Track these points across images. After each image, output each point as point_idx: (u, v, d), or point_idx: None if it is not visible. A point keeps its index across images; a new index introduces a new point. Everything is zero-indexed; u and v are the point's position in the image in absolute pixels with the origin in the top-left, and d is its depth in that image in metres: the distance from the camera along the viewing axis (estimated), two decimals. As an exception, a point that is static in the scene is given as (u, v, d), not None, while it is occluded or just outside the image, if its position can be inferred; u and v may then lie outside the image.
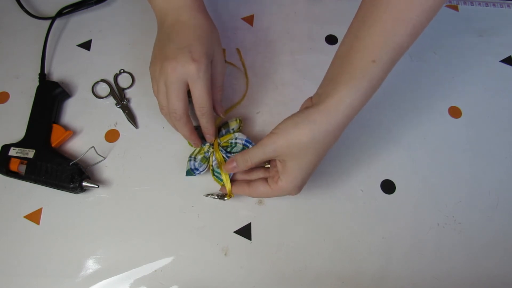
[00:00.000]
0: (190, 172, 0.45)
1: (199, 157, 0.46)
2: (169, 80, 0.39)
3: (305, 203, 0.47)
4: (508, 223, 0.46)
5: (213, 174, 0.45)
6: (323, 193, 0.47)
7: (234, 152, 0.46)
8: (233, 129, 0.47)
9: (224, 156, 0.45)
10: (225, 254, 0.44)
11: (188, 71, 0.39)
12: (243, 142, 0.46)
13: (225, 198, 0.45)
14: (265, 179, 0.41)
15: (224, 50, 0.55)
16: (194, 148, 0.47)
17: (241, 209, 0.46)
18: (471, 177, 0.49)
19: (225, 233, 0.45)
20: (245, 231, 0.45)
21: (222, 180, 0.44)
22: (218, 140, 0.47)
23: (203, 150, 0.47)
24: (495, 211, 0.47)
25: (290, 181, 0.39)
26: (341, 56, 0.38)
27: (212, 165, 0.45)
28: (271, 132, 0.38)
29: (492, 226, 0.46)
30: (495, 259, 0.45)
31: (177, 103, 0.40)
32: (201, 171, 0.45)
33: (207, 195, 0.46)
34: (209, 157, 0.46)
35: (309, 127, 0.36)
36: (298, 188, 0.40)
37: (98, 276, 0.42)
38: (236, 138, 0.46)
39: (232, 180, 0.44)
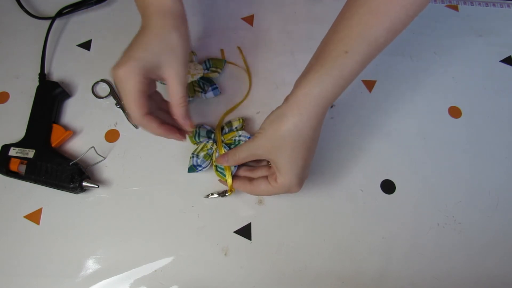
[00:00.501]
0: (192, 168, 0.45)
1: (201, 154, 0.46)
2: (118, 86, 0.39)
3: (305, 203, 0.47)
4: (508, 223, 0.46)
5: (216, 170, 0.45)
6: (323, 193, 0.47)
7: None
8: (236, 127, 0.48)
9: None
10: (225, 254, 0.44)
11: (115, 76, 0.38)
12: (246, 139, 0.46)
13: (227, 194, 0.45)
14: (266, 177, 0.42)
15: (222, 50, 0.55)
16: (197, 146, 0.47)
17: (241, 209, 0.46)
18: (471, 177, 0.49)
19: (225, 233, 0.45)
20: (245, 231, 0.45)
21: (225, 176, 0.44)
22: (222, 138, 0.47)
23: (206, 147, 0.47)
24: (495, 211, 0.47)
25: (286, 177, 0.39)
26: (318, 50, 0.38)
27: (215, 162, 0.46)
28: (256, 132, 0.39)
29: (492, 226, 0.46)
30: (495, 259, 0.45)
31: (128, 108, 0.39)
32: (203, 168, 0.46)
33: (207, 196, 0.46)
34: (212, 154, 0.46)
35: (282, 122, 0.37)
36: (297, 185, 0.39)
37: (98, 276, 0.42)
38: (240, 136, 0.46)
39: (235, 176, 0.45)
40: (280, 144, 0.37)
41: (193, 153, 0.47)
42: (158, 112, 0.43)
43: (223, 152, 0.45)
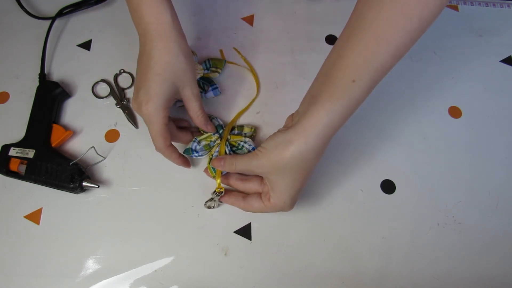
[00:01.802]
0: (189, 151, 0.46)
1: (203, 142, 0.46)
2: (144, 120, 0.42)
3: (305, 203, 0.47)
4: (508, 223, 0.46)
5: (209, 163, 0.45)
6: (323, 193, 0.47)
7: (238, 153, 0.46)
8: (245, 133, 0.48)
9: (227, 152, 0.46)
10: (225, 254, 0.44)
11: (142, 114, 0.41)
12: (250, 148, 0.46)
13: (220, 193, 0.45)
14: (260, 195, 0.42)
15: (221, 51, 0.55)
16: (202, 133, 0.47)
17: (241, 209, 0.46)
18: (471, 177, 0.49)
19: (225, 233, 0.45)
20: (245, 231, 0.45)
21: (215, 172, 0.45)
22: (228, 136, 0.47)
23: (211, 138, 0.47)
24: (495, 211, 0.47)
25: (280, 199, 0.39)
26: (324, 74, 0.38)
27: (212, 155, 0.46)
28: (257, 149, 0.39)
29: (492, 226, 0.46)
30: (495, 259, 0.45)
31: (155, 140, 0.43)
32: (199, 155, 0.46)
33: (208, 207, 0.45)
34: (213, 147, 0.46)
35: (287, 148, 0.36)
36: (289, 206, 0.40)
37: (98, 276, 0.42)
38: (245, 142, 0.46)
39: (228, 191, 0.45)
40: (282, 169, 0.37)
41: (195, 138, 0.47)
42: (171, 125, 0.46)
43: (224, 150, 0.45)
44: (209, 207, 0.45)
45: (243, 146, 0.46)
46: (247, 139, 0.47)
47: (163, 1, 0.41)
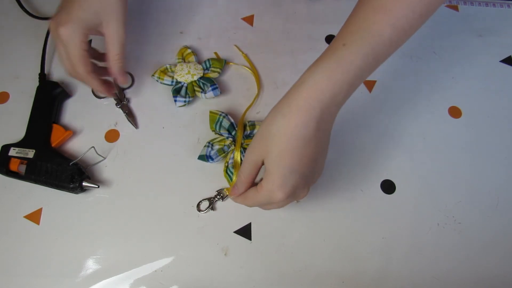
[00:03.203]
0: (204, 158, 0.46)
1: (216, 146, 0.46)
2: (59, 44, 0.42)
3: (305, 203, 0.47)
4: (508, 223, 0.46)
5: (226, 171, 0.46)
6: (323, 193, 0.47)
7: None
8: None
9: (243, 159, 0.45)
10: (225, 254, 0.44)
11: (59, 34, 0.40)
12: None
13: (224, 197, 0.46)
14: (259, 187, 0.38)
15: (216, 53, 0.55)
16: (215, 136, 0.48)
17: (241, 209, 0.46)
18: (471, 177, 0.49)
19: (225, 233, 0.45)
20: (245, 231, 0.45)
21: (232, 181, 0.45)
22: (242, 141, 0.47)
23: (224, 142, 0.47)
24: (495, 211, 0.47)
25: (270, 179, 0.35)
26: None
27: (228, 163, 0.46)
28: (250, 143, 0.37)
29: (492, 226, 0.46)
30: (495, 259, 0.45)
31: (75, 65, 0.42)
32: (214, 161, 0.46)
33: (199, 210, 0.45)
34: (228, 154, 0.46)
35: (272, 120, 0.34)
36: (278, 188, 0.34)
37: (98, 276, 0.42)
38: None
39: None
40: (270, 143, 0.34)
41: (209, 142, 0.47)
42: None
43: (239, 156, 0.45)
44: (200, 211, 0.45)
45: None
46: None
47: None
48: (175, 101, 0.49)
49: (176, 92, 0.50)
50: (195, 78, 0.51)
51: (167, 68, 0.52)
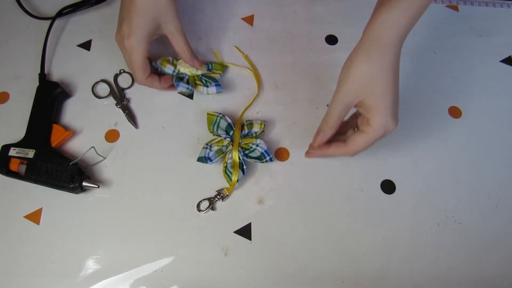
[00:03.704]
0: (202, 159, 0.46)
1: (215, 147, 0.46)
2: (125, 53, 0.47)
3: (305, 203, 0.47)
4: (508, 223, 0.46)
5: (225, 172, 0.46)
6: (323, 193, 0.47)
7: (251, 156, 0.46)
8: (256, 132, 0.48)
9: (241, 158, 0.46)
10: (225, 254, 0.44)
11: (124, 46, 0.45)
12: (262, 151, 0.46)
13: (224, 197, 0.46)
14: (357, 133, 0.41)
15: (215, 51, 0.55)
16: (213, 137, 0.48)
17: (241, 209, 0.46)
18: (471, 177, 0.49)
19: (225, 233, 0.45)
20: (245, 231, 0.45)
21: (231, 180, 0.45)
22: (240, 140, 0.47)
23: (222, 143, 0.47)
24: (495, 211, 0.47)
25: (381, 113, 0.38)
26: None
27: (226, 163, 0.46)
28: (336, 88, 0.40)
29: (492, 226, 0.46)
30: (495, 259, 0.45)
31: (136, 73, 0.47)
32: (213, 162, 0.46)
33: (199, 209, 0.46)
34: (226, 154, 0.46)
35: (364, 60, 0.38)
36: (393, 119, 0.39)
37: (98, 276, 0.42)
38: (257, 145, 0.46)
39: (324, 144, 0.43)
40: (369, 80, 0.37)
41: (207, 144, 0.47)
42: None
43: (236, 156, 0.45)
44: (200, 211, 0.45)
45: (255, 148, 0.46)
46: (258, 141, 0.46)
47: None
48: (177, 85, 0.49)
49: (179, 79, 0.50)
50: (199, 72, 0.51)
51: (170, 59, 0.52)
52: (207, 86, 0.50)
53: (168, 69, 0.51)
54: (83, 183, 0.44)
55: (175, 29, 0.46)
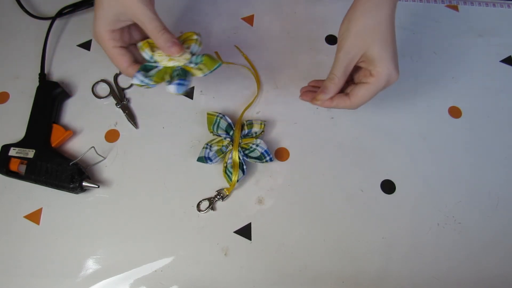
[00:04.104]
0: (202, 159, 0.46)
1: (215, 147, 0.46)
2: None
3: (305, 203, 0.47)
4: (508, 223, 0.46)
5: (225, 172, 0.46)
6: (323, 193, 0.47)
7: (251, 156, 0.46)
8: (256, 132, 0.48)
9: (241, 158, 0.46)
10: (225, 254, 0.44)
11: (94, 38, 0.43)
12: (262, 151, 0.46)
13: (224, 196, 0.46)
14: (359, 85, 0.42)
15: (217, 52, 0.55)
16: (213, 137, 0.47)
17: (241, 209, 0.46)
18: (471, 177, 0.49)
19: (225, 233, 0.45)
20: (245, 231, 0.45)
21: (231, 180, 0.45)
22: (240, 140, 0.47)
23: (222, 143, 0.47)
24: (495, 211, 0.47)
25: (384, 64, 0.40)
26: None
27: (226, 163, 0.46)
28: (338, 46, 0.41)
29: (492, 226, 0.46)
30: (495, 259, 0.45)
31: (114, 62, 0.43)
32: (213, 162, 0.46)
33: (199, 209, 0.46)
34: (226, 154, 0.46)
35: (365, 15, 0.39)
36: (395, 69, 0.40)
37: (98, 276, 0.42)
38: (257, 145, 0.46)
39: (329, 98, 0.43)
40: (369, 33, 0.39)
41: (207, 144, 0.47)
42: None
43: (236, 156, 0.45)
44: (200, 211, 0.45)
45: (255, 148, 0.46)
46: (258, 141, 0.46)
47: None
48: (134, 76, 0.41)
49: (145, 69, 0.42)
50: (174, 64, 0.42)
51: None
52: (169, 83, 0.40)
53: (146, 54, 0.43)
54: (83, 183, 0.44)
55: (142, 13, 0.40)
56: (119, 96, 0.51)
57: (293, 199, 0.47)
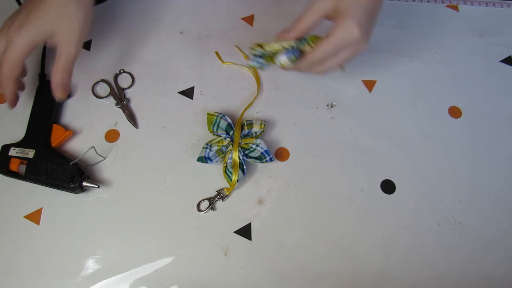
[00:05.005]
0: (202, 159, 0.46)
1: (215, 147, 0.46)
2: (3, 40, 0.41)
3: (305, 203, 0.47)
4: (508, 223, 0.46)
5: (225, 172, 0.46)
6: (323, 193, 0.47)
7: (251, 156, 0.46)
8: (256, 132, 0.48)
9: (241, 158, 0.46)
10: (225, 254, 0.44)
11: (10, 35, 0.40)
12: (262, 151, 0.46)
13: (224, 196, 0.46)
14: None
15: (217, 53, 0.55)
16: (213, 137, 0.47)
17: (241, 209, 0.46)
18: (471, 177, 0.49)
19: (225, 233, 0.45)
20: (245, 231, 0.45)
21: (231, 180, 0.45)
22: (240, 140, 0.47)
23: (222, 143, 0.47)
24: (495, 211, 0.47)
25: (345, 17, 0.39)
26: None
27: (226, 163, 0.46)
28: None
29: (492, 226, 0.46)
30: (495, 259, 0.45)
31: (5, 64, 0.41)
32: (213, 162, 0.46)
33: (199, 209, 0.46)
34: (226, 154, 0.46)
35: None
36: (358, 24, 0.39)
37: (98, 276, 0.42)
38: (257, 145, 0.46)
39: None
40: None
41: (207, 144, 0.47)
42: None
43: (236, 156, 0.45)
44: (200, 211, 0.45)
45: (255, 148, 0.46)
46: (258, 141, 0.46)
47: None
48: (251, 59, 0.47)
49: (259, 56, 0.47)
50: (286, 46, 0.45)
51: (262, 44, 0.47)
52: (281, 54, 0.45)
53: (258, 52, 0.46)
54: (83, 183, 0.44)
55: (65, 45, 0.41)
56: (119, 96, 0.51)
57: (293, 199, 0.47)
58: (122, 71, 0.53)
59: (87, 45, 0.55)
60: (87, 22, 0.42)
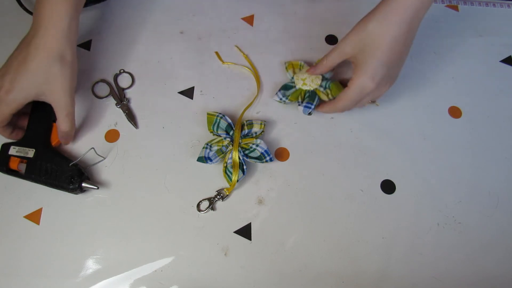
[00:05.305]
0: (202, 159, 0.46)
1: (215, 147, 0.46)
2: None
3: (305, 203, 0.47)
4: (508, 223, 0.46)
5: (225, 172, 0.46)
6: (323, 193, 0.47)
7: (251, 156, 0.46)
8: (256, 132, 0.47)
9: (241, 158, 0.46)
10: (225, 254, 0.44)
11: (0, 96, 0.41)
12: (262, 151, 0.46)
13: (224, 196, 0.46)
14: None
15: (217, 53, 0.55)
16: (213, 137, 0.48)
17: (241, 209, 0.46)
18: (471, 177, 0.49)
19: (225, 233, 0.45)
20: (245, 231, 0.45)
21: (231, 180, 0.45)
22: (240, 140, 0.47)
23: (222, 143, 0.47)
24: (495, 211, 0.47)
25: (362, 70, 0.42)
26: None
27: (226, 163, 0.46)
28: (344, 37, 0.44)
29: (492, 226, 0.46)
30: (495, 259, 0.45)
31: None
32: (213, 162, 0.46)
33: (199, 209, 0.46)
34: (226, 154, 0.46)
35: (369, 19, 0.41)
36: (370, 77, 0.42)
37: (98, 276, 0.42)
38: (257, 145, 0.46)
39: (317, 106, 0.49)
40: (366, 38, 0.41)
41: (207, 144, 0.47)
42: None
43: (236, 156, 0.45)
44: (200, 211, 0.45)
45: (255, 148, 0.46)
46: (258, 141, 0.46)
47: (64, 4, 0.41)
48: (276, 94, 0.50)
49: (285, 88, 0.50)
50: (307, 88, 0.49)
51: (302, 64, 0.52)
52: (300, 104, 0.49)
53: (288, 74, 0.52)
54: (83, 185, 0.44)
55: (61, 104, 0.43)
56: (119, 96, 0.51)
57: (293, 199, 0.47)
58: (122, 71, 0.53)
59: (87, 45, 0.55)
60: (74, 77, 0.44)
